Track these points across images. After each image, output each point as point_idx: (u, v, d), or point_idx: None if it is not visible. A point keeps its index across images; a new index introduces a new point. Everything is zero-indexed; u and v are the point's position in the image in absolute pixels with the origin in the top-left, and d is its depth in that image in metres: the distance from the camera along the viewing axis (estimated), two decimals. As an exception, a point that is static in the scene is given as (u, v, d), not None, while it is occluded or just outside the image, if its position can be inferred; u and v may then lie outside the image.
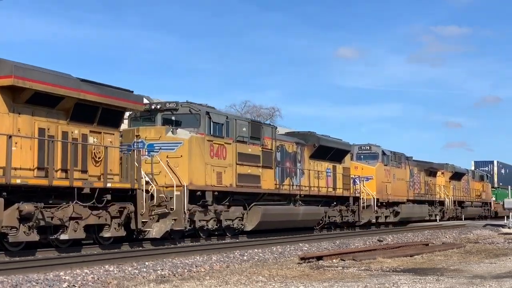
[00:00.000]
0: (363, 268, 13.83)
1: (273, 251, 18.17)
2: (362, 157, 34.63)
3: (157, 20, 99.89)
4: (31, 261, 13.20)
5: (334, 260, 15.51)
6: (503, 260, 16.12)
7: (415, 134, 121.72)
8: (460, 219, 47.57)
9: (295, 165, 26.30)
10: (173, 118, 20.47)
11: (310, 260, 15.20)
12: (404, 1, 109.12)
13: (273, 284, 11.06)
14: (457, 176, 48.46)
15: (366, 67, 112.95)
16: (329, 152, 28.73)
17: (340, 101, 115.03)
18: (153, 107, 20.58)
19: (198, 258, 15.34)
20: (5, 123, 14.26)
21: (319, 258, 15.46)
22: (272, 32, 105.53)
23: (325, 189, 28.42)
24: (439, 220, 43.83)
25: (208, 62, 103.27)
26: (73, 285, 10.85)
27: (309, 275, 12.48)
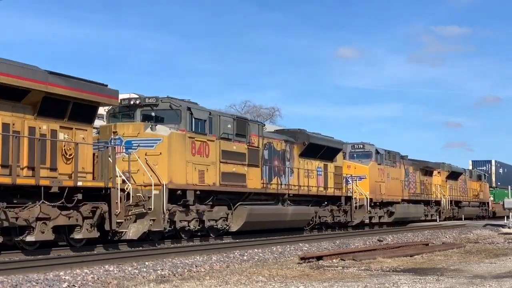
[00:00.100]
0: (363, 268, 13.89)
1: (273, 251, 18.14)
2: (355, 155, 33.76)
3: (157, 20, 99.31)
4: (31, 261, 13.10)
5: (334, 260, 15.58)
6: (503, 260, 16.13)
7: (415, 134, 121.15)
8: (457, 219, 46.89)
9: (284, 163, 25.43)
10: (153, 114, 19.56)
11: (310, 260, 15.26)
12: (404, 1, 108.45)
13: (273, 284, 11.12)
14: (454, 175, 47.68)
15: (366, 67, 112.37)
16: (320, 150, 27.85)
17: (340, 101, 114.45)
18: (132, 102, 19.66)
19: (198, 258, 15.36)
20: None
21: (319, 258, 15.53)
22: (272, 32, 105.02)
23: (316, 189, 27.57)
24: (438, 220, 43.11)
25: (208, 62, 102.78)
26: (73, 285, 10.89)
27: (309, 275, 12.54)
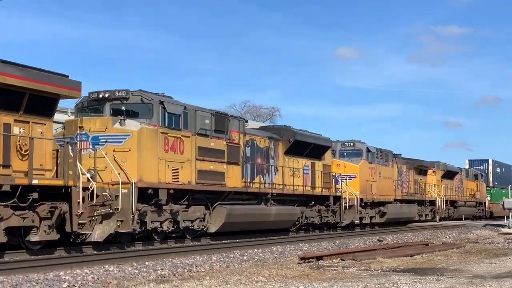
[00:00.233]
0: (363, 268, 13.88)
1: (273, 251, 18.09)
2: (345, 154, 32.61)
3: (157, 20, 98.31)
4: (31, 261, 13.07)
5: (334, 260, 15.55)
6: (503, 260, 16.11)
7: (415, 134, 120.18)
8: (453, 219, 45.81)
9: (268, 161, 24.27)
10: (123, 108, 18.40)
11: (310, 260, 15.22)
12: (404, 1, 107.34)
13: (273, 284, 11.10)
14: (449, 174, 46.55)
15: (366, 67, 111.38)
16: (307, 147, 26.69)
17: (340, 101, 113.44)
18: (101, 96, 18.50)
19: (198, 258, 15.35)
20: None
21: (319, 258, 15.49)
22: (272, 32, 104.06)
23: (302, 188, 26.41)
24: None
25: (208, 62, 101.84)
26: (73, 285, 10.85)
27: (309, 275, 12.51)
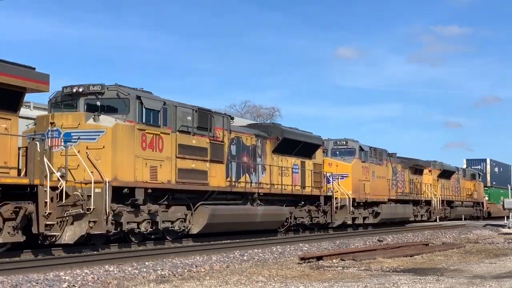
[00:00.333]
0: (363, 268, 13.88)
1: (273, 251, 18.10)
2: (337, 153, 31.72)
3: (157, 20, 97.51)
4: (31, 261, 13.07)
5: (334, 260, 15.53)
6: (503, 260, 16.11)
7: (415, 134, 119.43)
8: (450, 219, 44.98)
9: (255, 160, 23.40)
10: (98, 103, 17.55)
11: (310, 260, 15.20)
12: (404, 1, 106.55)
13: (273, 284, 11.10)
14: (446, 174, 45.67)
15: (366, 67, 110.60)
16: (296, 146, 25.82)
17: (340, 101, 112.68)
18: (75, 90, 17.60)
19: (198, 258, 15.37)
20: None
21: (319, 258, 15.47)
22: (272, 32, 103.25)
23: (291, 187, 25.54)
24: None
25: (208, 62, 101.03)
26: (73, 285, 10.82)
27: (309, 275, 12.51)
